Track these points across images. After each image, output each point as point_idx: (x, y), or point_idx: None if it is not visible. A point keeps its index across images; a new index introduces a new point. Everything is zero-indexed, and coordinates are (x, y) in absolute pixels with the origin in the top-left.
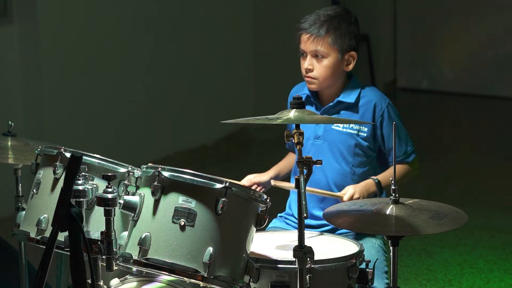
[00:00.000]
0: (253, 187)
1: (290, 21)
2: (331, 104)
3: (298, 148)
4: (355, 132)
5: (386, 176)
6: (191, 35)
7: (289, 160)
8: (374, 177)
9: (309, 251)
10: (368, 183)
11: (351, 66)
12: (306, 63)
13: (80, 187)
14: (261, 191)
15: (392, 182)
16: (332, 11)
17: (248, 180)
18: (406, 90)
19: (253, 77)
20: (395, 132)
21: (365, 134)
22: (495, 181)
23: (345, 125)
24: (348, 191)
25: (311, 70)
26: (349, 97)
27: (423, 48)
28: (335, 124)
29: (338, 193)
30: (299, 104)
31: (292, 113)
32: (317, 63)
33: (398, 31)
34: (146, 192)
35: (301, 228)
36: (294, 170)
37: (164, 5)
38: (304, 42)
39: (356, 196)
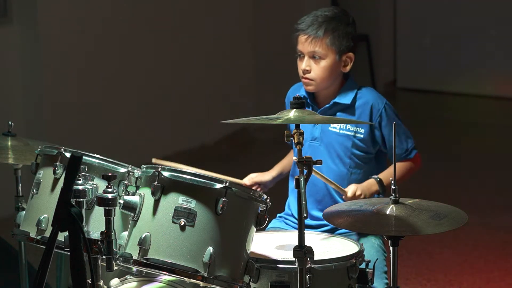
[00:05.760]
0: (254, 187)
1: (290, 21)
2: (327, 105)
3: (298, 148)
4: (352, 133)
5: (387, 174)
6: (191, 35)
7: (291, 159)
8: (376, 176)
9: (309, 251)
10: (370, 182)
11: (348, 67)
12: (303, 64)
13: (80, 187)
14: (262, 191)
15: (392, 182)
16: (330, 12)
17: (250, 179)
18: (406, 90)
19: (253, 77)
20: (395, 132)
21: (362, 136)
22: (495, 181)
23: (341, 126)
24: (351, 188)
25: (308, 71)
26: (345, 99)
27: (423, 48)
28: (332, 126)
29: (343, 188)
30: (299, 104)
31: (292, 113)
32: (315, 64)
33: (398, 31)
34: (146, 192)
35: (301, 228)
36: (292, 170)
37: (164, 5)
38: (301, 43)
39: (358, 193)
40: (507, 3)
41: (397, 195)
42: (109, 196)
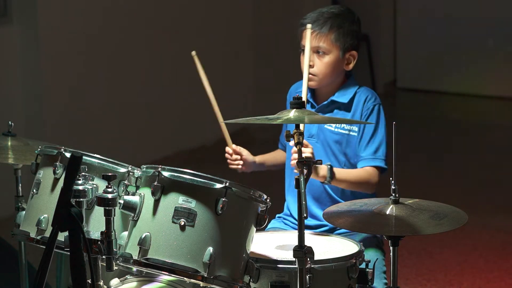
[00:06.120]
0: (235, 156)
1: (290, 20)
2: (325, 103)
3: (298, 148)
4: (346, 132)
5: (343, 172)
6: (191, 34)
7: (275, 155)
8: (329, 164)
9: (309, 251)
10: (323, 167)
11: (351, 65)
12: None
13: (80, 187)
14: (240, 165)
15: (392, 182)
16: (336, 9)
17: (237, 147)
18: (406, 90)
19: (253, 77)
20: (395, 132)
21: (355, 134)
22: (495, 181)
23: (336, 124)
24: (308, 144)
25: (311, 66)
26: (343, 97)
27: (423, 48)
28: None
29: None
30: (299, 104)
31: (292, 113)
32: (318, 60)
33: (398, 31)
34: (146, 192)
35: (301, 228)
36: (291, 170)
37: (164, 5)
38: (306, 38)
39: (309, 150)
40: (507, 3)
41: (397, 195)
42: (109, 196)
